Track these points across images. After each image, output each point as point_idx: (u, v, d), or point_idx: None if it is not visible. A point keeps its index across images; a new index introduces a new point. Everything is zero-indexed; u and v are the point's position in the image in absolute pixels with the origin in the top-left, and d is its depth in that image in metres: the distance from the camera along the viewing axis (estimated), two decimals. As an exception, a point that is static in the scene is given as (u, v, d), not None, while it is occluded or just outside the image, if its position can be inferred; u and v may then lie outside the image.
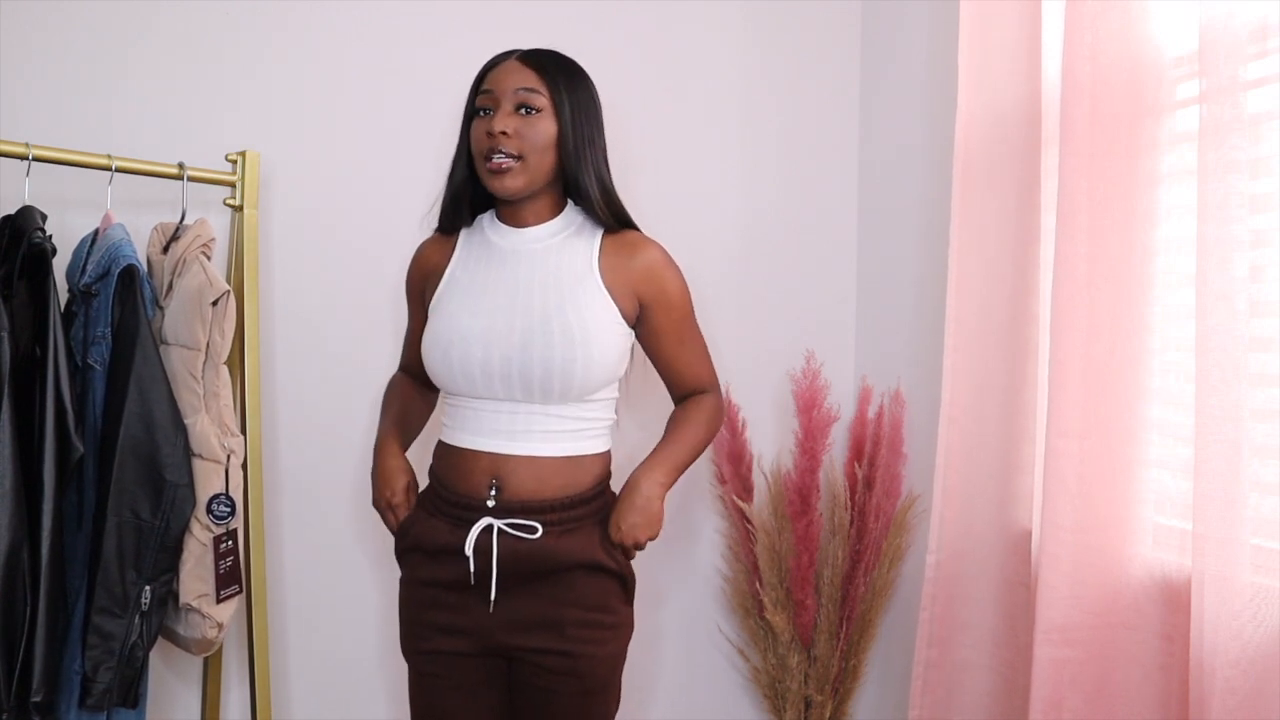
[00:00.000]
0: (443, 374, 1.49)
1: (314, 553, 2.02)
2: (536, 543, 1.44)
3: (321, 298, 2.02)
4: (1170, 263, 1.62)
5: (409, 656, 1.57)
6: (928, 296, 2.21)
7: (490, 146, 1.42)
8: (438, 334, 1.49)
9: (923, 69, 2.29)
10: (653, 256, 1.52)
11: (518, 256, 1.49)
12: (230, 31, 1.93)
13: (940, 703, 1.98)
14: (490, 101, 1.45)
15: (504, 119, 1.42)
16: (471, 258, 1.54)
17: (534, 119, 1.43)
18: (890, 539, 2.20)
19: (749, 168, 2.40)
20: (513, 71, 1.45)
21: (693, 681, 2.39)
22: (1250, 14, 1.42)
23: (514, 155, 1.42)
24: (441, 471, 1.54)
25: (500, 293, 1.47)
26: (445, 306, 1.52)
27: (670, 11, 2.30)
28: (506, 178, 1.43)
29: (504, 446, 1.46)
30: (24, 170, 1.58)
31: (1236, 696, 1.39)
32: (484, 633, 1.48)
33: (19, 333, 1.50)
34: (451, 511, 1.49)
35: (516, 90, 1.43)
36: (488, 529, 1.44)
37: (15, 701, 1.45)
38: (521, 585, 1.46)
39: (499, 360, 1.43)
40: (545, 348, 1.42)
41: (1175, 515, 1.61)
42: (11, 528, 1.42)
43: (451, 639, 1.50)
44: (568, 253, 1.49)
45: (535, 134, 1.43)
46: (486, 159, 1.43)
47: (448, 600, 1.49)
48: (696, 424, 1.57)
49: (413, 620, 1.55)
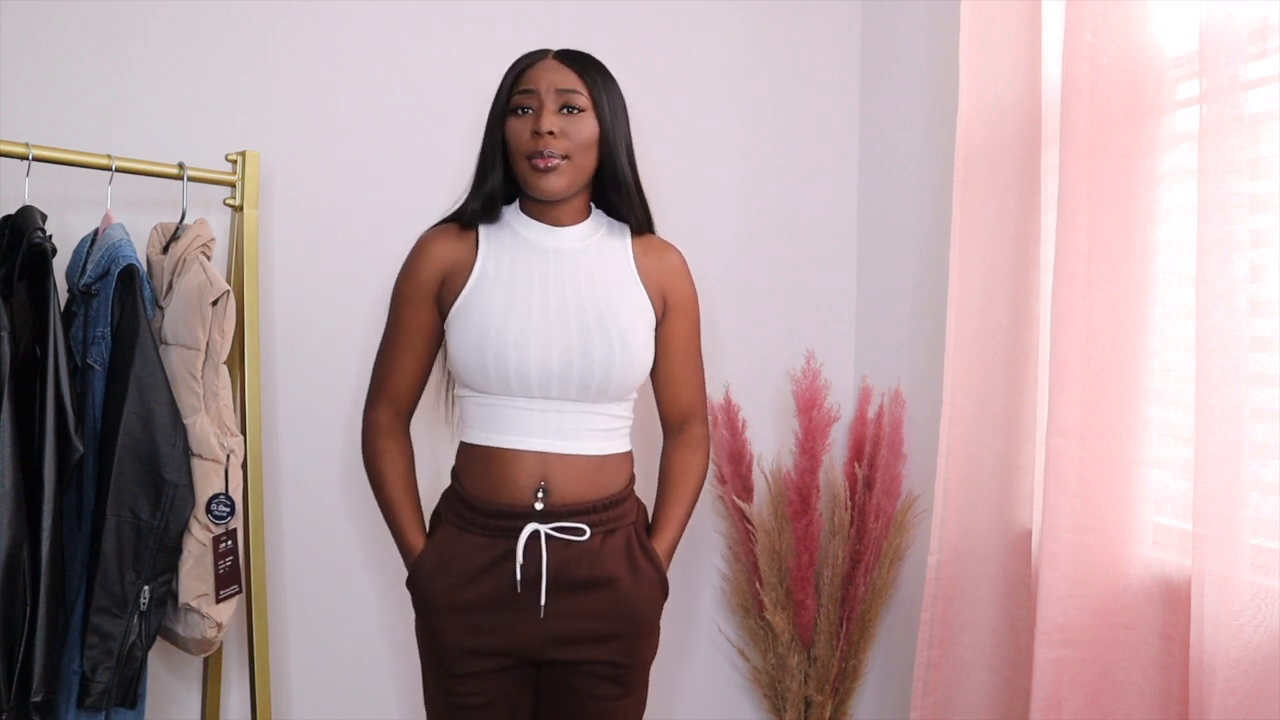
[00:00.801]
0: (493, 376, 1.43)
1: (314, 553, 2.02)
2: (585, 546, 1.42)
3: (321, 298, 2.01)
4: (1170, 263, 1.62)
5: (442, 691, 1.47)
6: (928, 296, 2.21)
7: (535, 147, 1.42)
8: (485, 335, 1.42)
9: (923, 69, 2.29)
10: (679, 259, 1.59)
11: (560, 256, 1.48)
12: (230, 31, 1.93)
13: (941, 703, 1.97)
14: (532, 101, 1.44)
15: (550, 118, 1.41)
16: (503, 254, 1.48)
17: (578, 118, 1.44)
18: (890, 539, 2.20)
19: (749, 167, 2.40)
20: (552, 70, 1.45)
21: (693, 681, 2.39)
22: (1250, 14, 1.43)
23: (560, 154, 1.42)
24: (473, 479, 1.47)
25: (549, 292, 1.45)
26: (485, 305, 1.44)
27: (670, 11, 2.30)
28: (553, 177, 1.42)
29: (553, 446, 1.43)
30: (24, 170, 1.58)
31: (1236, 696, 1.39)
32: (527, 649, 1.44)
33: (19, 333, 1.50)
34: (490, 524, 1.43)
35: (559, 90, 1.43)
36: (534, 535, 1.40)
37: (15, 701, 1.45)
38: (568, 594, 1.42)
39: (559, 360, 1.42)
40: (605, 348, 1.43)
41: (1175, 515, 1.61)
42: (11, 527, 1.42)
43: (488, 659, 1.44)
44: (607, 253, 1.51)
45: (580, 133, 1.44)
46: (530, 158, 1.42)
47: (486, 621, 1.43)
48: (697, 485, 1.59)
49: (443, 650, 1.45)
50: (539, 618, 1.41)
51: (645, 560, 1.48)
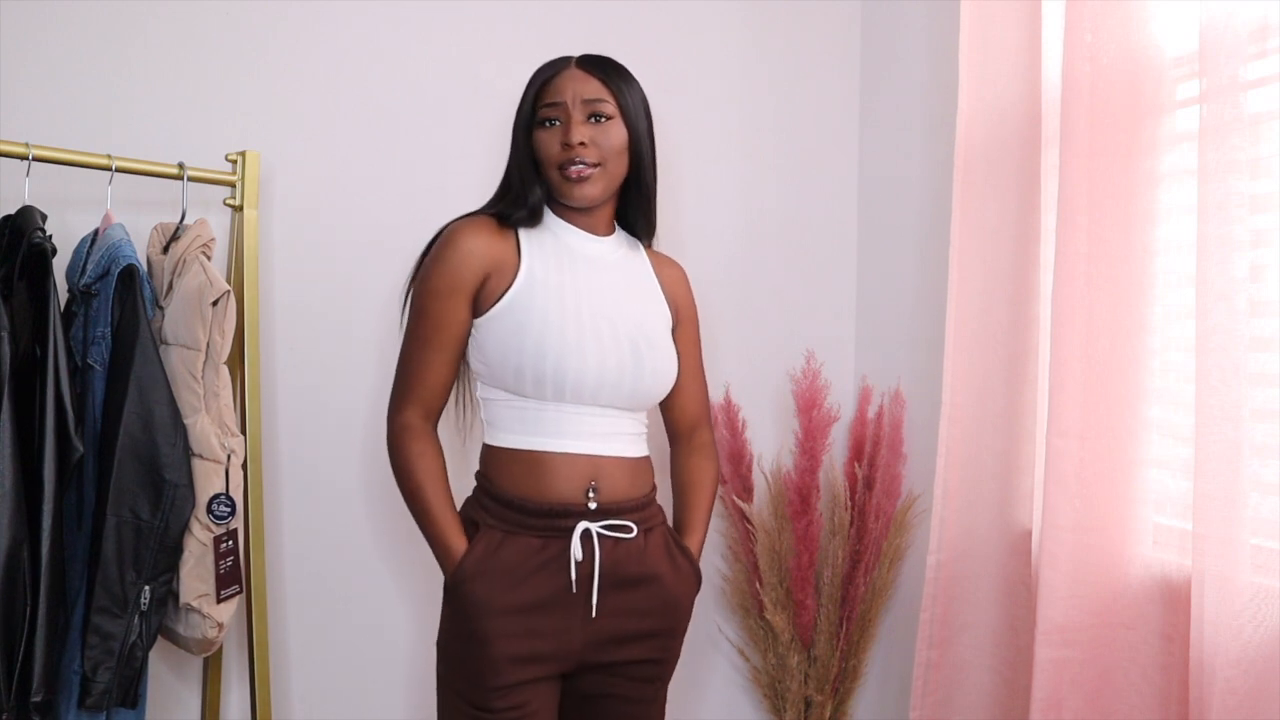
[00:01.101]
0: (549, 383, 1.41)
1: (314, 553, 2.02)
2: (634, 543, 1.44)
3: (321, 298, 2.01)
4: (1170, 263, 1.62)
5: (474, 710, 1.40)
6: (928, 296, 2.21)
7: (567, 157, 1.42)
8: (543, 341, 1.39)
9: (923, 69, 2.29)
10: (683, 272, 1.66)
11: (605, 265, 1.50)
12: (230, 31, 1.93)
13: (941, 703, 1.98)
14: (559, 113, 1.44)
15: (579, 129, 1.42)
16: (548, 258, 1.46)
17: (607, 126, 1.45)
18: (890, 539, 2.20)
19: (749, 168, 2.40)
20: (577, 80, 1.45)
21: (693, 681, 2.38)
22: (1250, 14, 1.43)
23: (592, 163, 1.43)
24: (513, 481, 1.44)
25: (599, 301, 1.45)
26: (538, 309, 1.41)
27: (670, 11, 2.30)
28: (587, 186, 1.44)
29: (601, 448, 1.45)
30: (24, 170, 1.58)
31: (1236, 696, 1.39)
32: (574, 651, 1.43)
33: (19, 333, 1.50)
34: (539, 524, 1.41)
35: (585, 99, 1.44)
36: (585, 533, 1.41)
37: (15, 701, 1.45)
38: (617, 591, 1.43)
39: (614, 371, 1.43)
40: (653, 360, 1.48)
41: (1175, 515, 1.61)
42: (11, 527, 1.42)
43: (537, 666, 1.41)
44: (634, 264, 1.57)
45: (610, 140, 1.45)
46: (562, 168, 1.43)
47: (537, 624, 1.40)
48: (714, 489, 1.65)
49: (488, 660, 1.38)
50: (590, 617, 1.41)
51: (682, 556, 1.52)
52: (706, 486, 1.62)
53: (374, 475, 2.06)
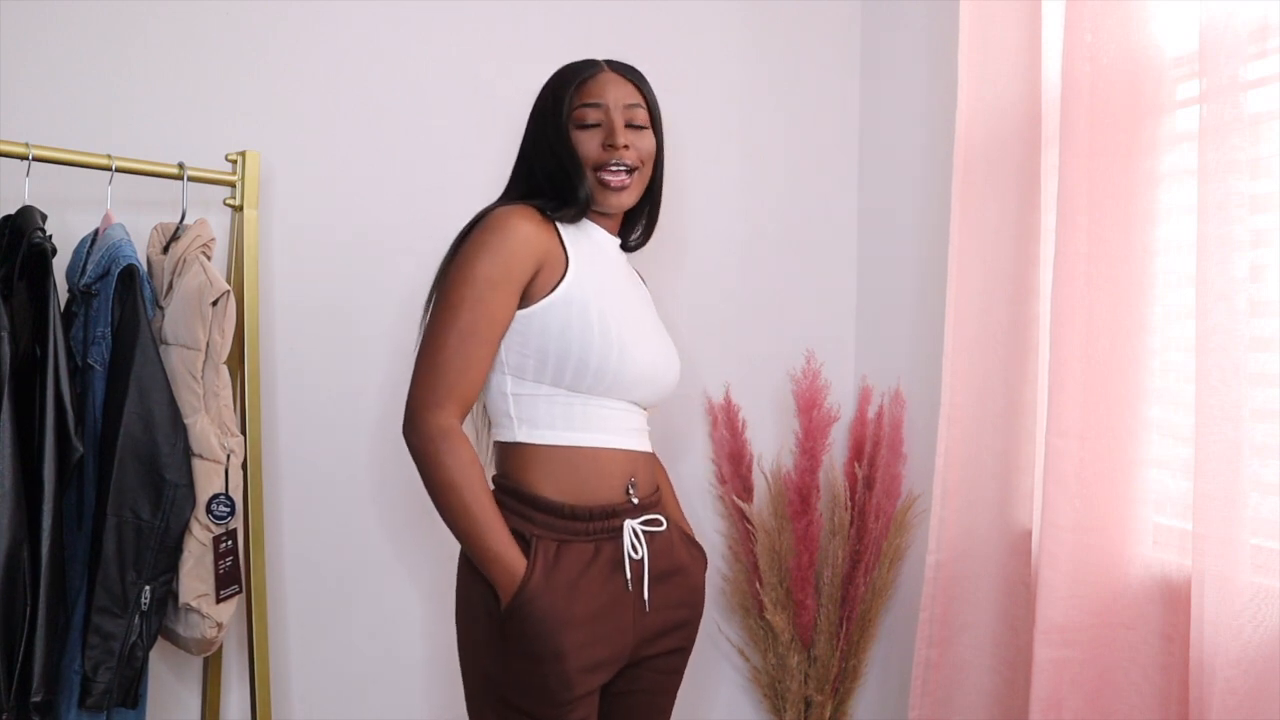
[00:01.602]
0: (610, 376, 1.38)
1: (314, 553, 2.02)
2: (665, 536, 1.48)
3: (321, 298, 2.01)
4: (1170, 263, 1.62)
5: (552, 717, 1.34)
6: (928, 296, 2.21)
7: (606, 159, 1.43)
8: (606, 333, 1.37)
9: (923, 69, 2.29)
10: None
11: (621, 264, 1.56)
12: (230, 31, 1.93)
13: (941, 703, 1.98)
14: (600, 115, 1.45)
15: (623, 133, 1.44)
16: (589, 258, 1.45)
17: (643, 133, 1.48)
18: (890, 539, 2.20)
19: (749, 168, 2.40)
20: (617, 85, 1.47)
21: (693, 681, 2.38)
22: (1250, 14, 1.43)
23: (629, 168, 1.45)
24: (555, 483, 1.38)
25: (636, 299, 1.53)
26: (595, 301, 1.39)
27: (670, 11, 2.30)
28: (626, 194, 1.47)
29: (635, 444, 1.47)
30: (24, 170, 1.58)
31: (1236, 696, 1.39)
32: (626, 651, 1.41)
33: (19, 333, 1.50)
34: (591, 528, 1.38)
35: (626, 105, 1.46)
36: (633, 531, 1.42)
37: (15, 701, 1.45)
38: (662, 586, 1.46)
39: (663, 364, 1.50)
40: (676, 355, 1.55)
41: (1175, 515, 1.61)
42: (11, 528, 1.42)
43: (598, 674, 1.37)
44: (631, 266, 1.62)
45: (646, 146, 1.48)
46: (598, 169, 1.44)
47: (600, 630, 1.36)
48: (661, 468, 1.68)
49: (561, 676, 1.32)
50: (642, 614, 1.42)
51: (692, 543, 1.57)
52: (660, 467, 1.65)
53: (374, 475, 2.06)
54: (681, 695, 2.36)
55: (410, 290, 2.06)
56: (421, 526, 2.08)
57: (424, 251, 2.09)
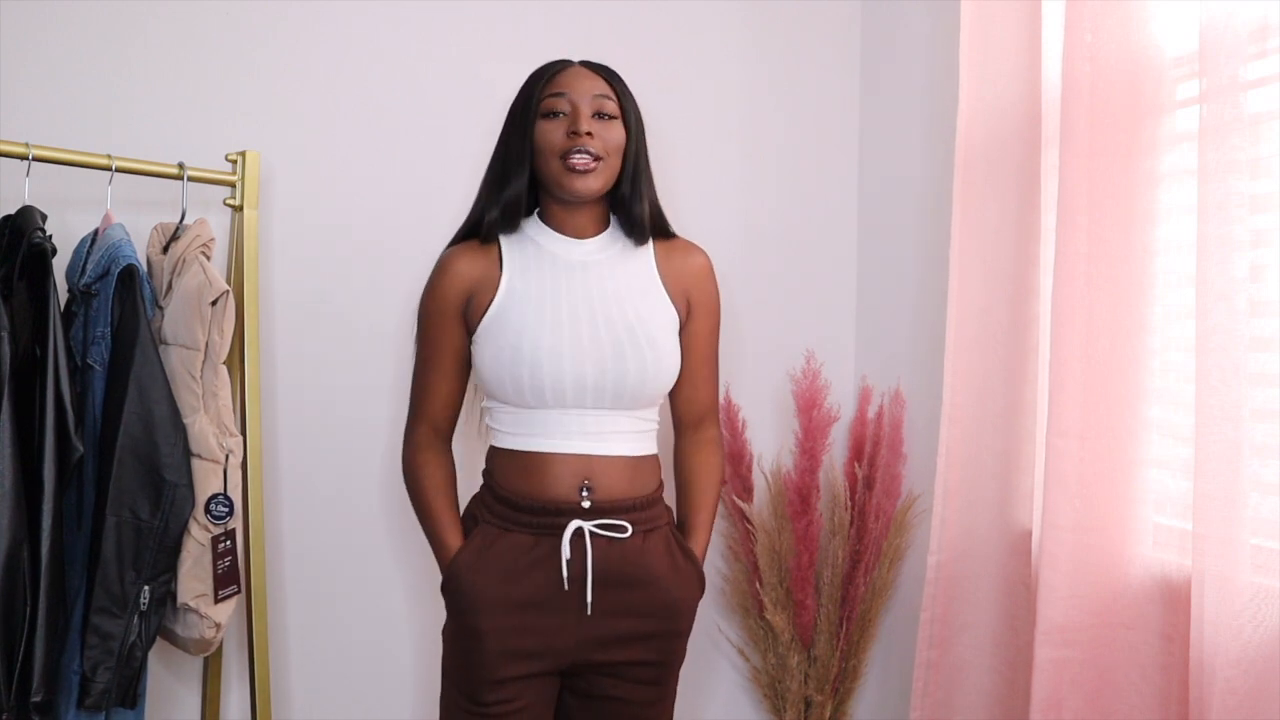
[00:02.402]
0: (528, 391, 1.44)
1: (313, 553, 2.02)
2: (629, 543, 1.44)
3: (321, 298, 2.01)
4: (1170, 263, 1.61)
5: (469, 703, 1.44)
6: (928, 296, 2.21)
7: (570, 145, 1.44)
8: (519, 350, 1.44)
9: (923, 69, 2.29)
10: (704, 261, 1.60)
11: (586, 268, 1.50)
12: (230, 31, 1.93)
13: (941, 703, 1.97)
14: (565, 104, 1.46)
15: (588, 121, 1.45)
16: (529, 268, 1.49)
17: (610, 124, 1.48)
18: (890, 539, 2.20)
19: (749, 168, 2.40)
20: (585, 77, 1.48)
21: (693, 681, 2.38)
22: (1250, 14, 1.42)
23: (595, 155, 1.45)
24: (511, 479, 1.47)
25: (579, 304, 1.47)
26: (515, 321, 1.46)
27: (670, 11, 2.30)
28: (590, 178, 1.45)
29: (594, 448, 1.46)
30: (24, 170, 1.58)
31: (1236, 696, 1.39)
32: (568, 649, 1.45)
33: (19, 333, 1.50)
34: (535, 521, 1.44)
35: (594, 95, 1.47)
36: (578, 532, 1.42)
37: (15, 701, 1.45)
38: (616, 593, 1.44)
39: (593, 373, 1.44)
40: (637, 359, 1.46)
41: (1175, 515, 1.61)
42: (11, 527, 1.42)
43: (525, 662, 1.44)
44: (630, 261, 1.53)
45: (613, 137, 1.47)
46: (563, 157, 1.44)
47: (528, 621, 1.43)
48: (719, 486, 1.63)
49: (479, 654, 1.43)
50: (584, 616, 1.43)
51: (684, 559, 1.52)
52: (712, 485, 1.60)
53: (373, 475, 2.06)
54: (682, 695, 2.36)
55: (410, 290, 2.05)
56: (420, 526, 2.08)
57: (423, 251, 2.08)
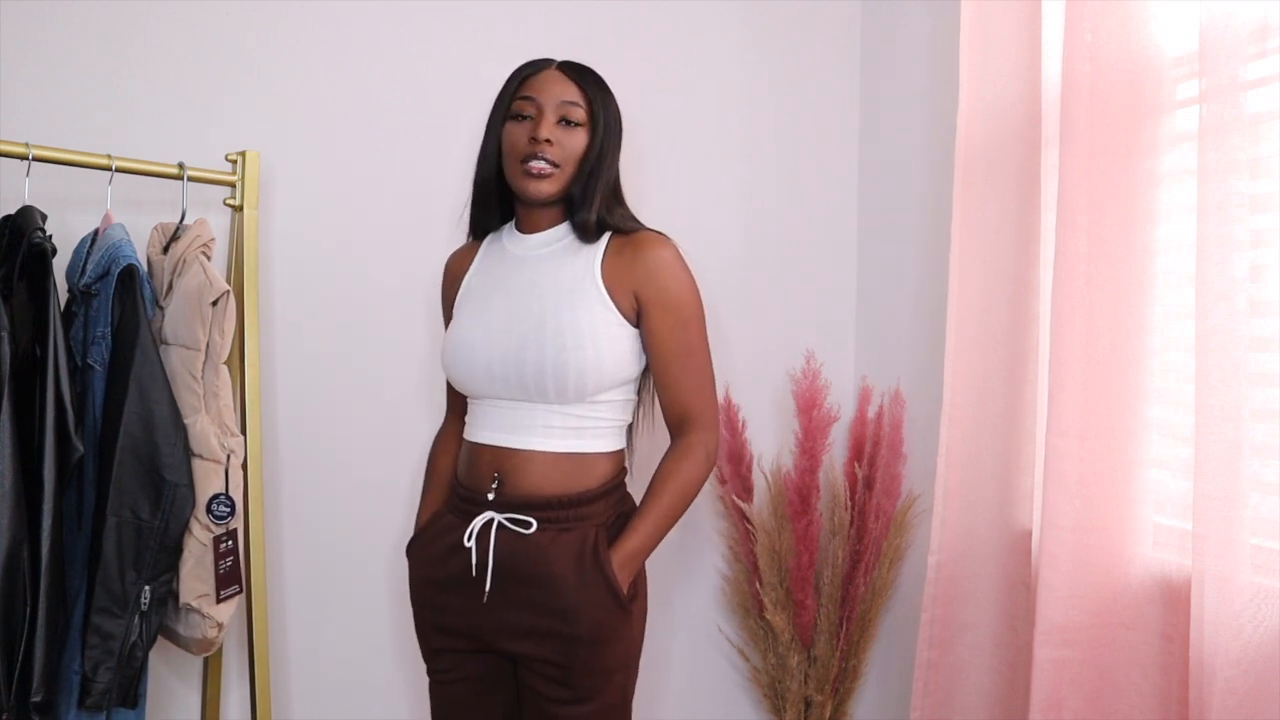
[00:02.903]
0: (453, 377, 1.55)
1: (314, 553, 2.02)
2: (533, 539, 1.43)
3: (321, 298, 2.02)
4: (1170, 263, 1.62)
5: (427, 664, 1.58)
6: (928, 296, 2.21)
7: (530, 152, 1.45)
8: (451, 339, 1.55)
9: (923, 69, 2.29)
10: (656, 254, 1.48)
11: (525, 262, 1.52)
12: (230, 32, 1.93)
13: (941, 703, 1.98)
14: (532, 108, 1.47)
15: (549, 128, 1.45)
16: (488, 264, 1.58)
17: (574, 131, 1.47)
18: (890, 539, 2.20)
19: (749, 168, 2.40)
20: (556, 81, 1.48)
21: (693, 681, 2.39)
22: (1250, 14, 1.43)
23: (553, 163, 1.45)
24: (459, 466, 1.58)
25: (506, 298, 1.50)
26: (460, 312, 1.57)
27: (670, 11, 2.30)
28: (545, 183, 1.46)
29: (505, 440, 1.47)
30: (24, 170, 1.58)
31: (1236, 696, 1.39)
32: (480, 633, 1.48)
33: (19, 333, 1.50)
34: (461, 506, 1.51)
35: (561, 101, 1.47)
36: (489, 523, 1.45)
37: (15, 701, 1.45)
38: (516, 588, 1.44)
39: (498, 363, 1.46)
40: (538, 350, 1.43)
41: (1175, 515, 1.61)
42: (11, 527, 1.42)
43: (450, 638, 1.52)
44: (571, 256, 1.50)
45: (573, 144, 1.47)
46: (523, 162, 1.46)
47: (446, 601, 1.50)
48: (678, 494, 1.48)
49: (418, 620, 1.57)
50: (481, 602, 1.46)
51: (594, 566, 1.42)
52: (666, 492, 1.47)
53: (374, 474, 2.06)
54: (682, 695, 2.37)
55: (410, 290, 2.06)
56: (421, 526, 2.08)
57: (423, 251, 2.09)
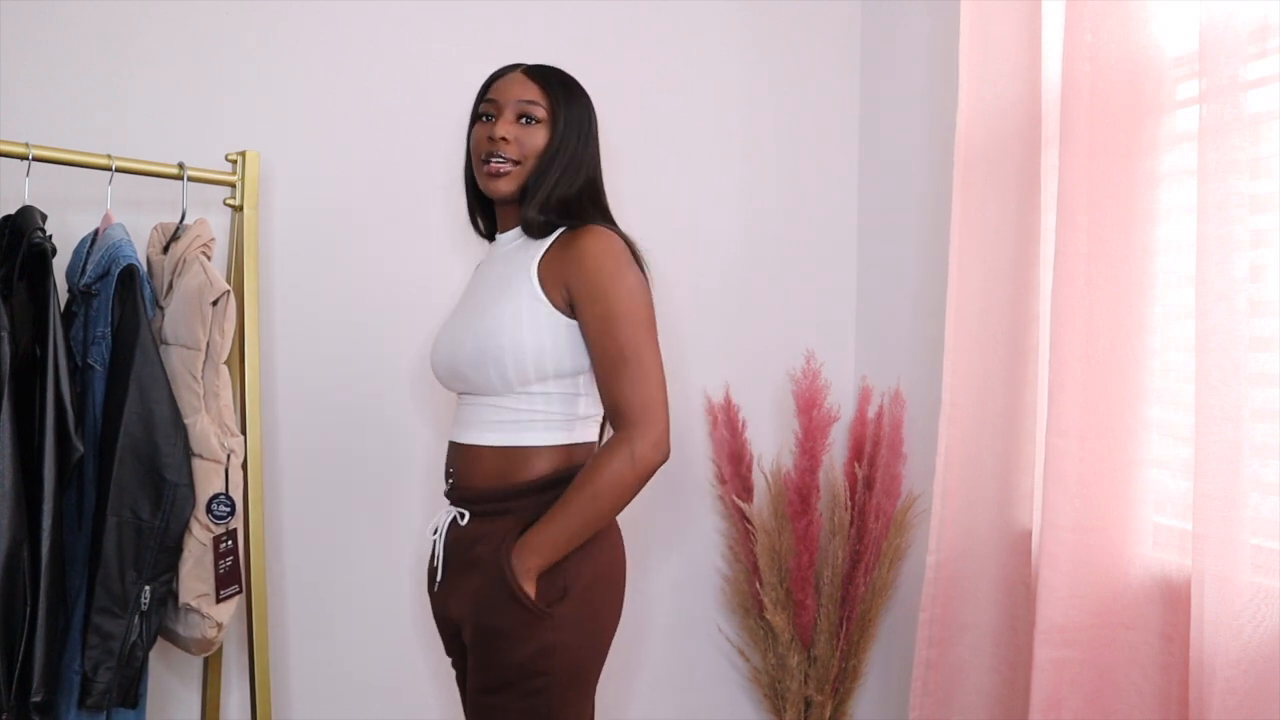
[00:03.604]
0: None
1: (314, 553, 2.02)
2: (467, 530, 1.48)
3: (321, 298, 2.01)
4: (1170, 263, 1.62)
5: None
6: (928, 296, 2.21)
7: (490, 150, 1.49)
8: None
9: (923, 69, 2.29)
10: (584, 243, 1.43)
11: (492, 261, 1.57)
12: (230, 31, 1.93)
13: (941, 703, 1.98)
14: (493, 109, 1.51)
15: (505, 126, 1.48)
16: (480, 266, 1.63)
17: (533, 128, 1.49)
18: (890, 539, 2.20)
19: (749, 168, 2.40)
20: (517, 83, 1.52)
21: (693, 681, 2.39)
22: (1250, 14, 1.43)
23: (512, 160, 1.48)
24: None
25: (469, 298, 1.57)
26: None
27: (670, 11, 2.30)
28: (502, 181, 1.49)
29: (457, 435, 1.52)
30: (24, 170, 1.58)
31: (1236, 696, 1.39)
32: (447, 621, 1.54)
33: (19, 333, 1.50)
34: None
35: (519, 101, 1.50)
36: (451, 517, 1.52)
37: (15, 701, 1.45)
38: (455, 577, 1.49)
39: (445, 358, 1.53)
40: (471, 341, 1.46)
41: (1175, 515, 1.61)
42: (11, 528, 1.42)
43: (440, 627, 1.57)
44: (518, 254, 1.50)
45: (533, 141, 1.49)
46: (485, 161, 1.50)
47: (432, 593, 1.55)
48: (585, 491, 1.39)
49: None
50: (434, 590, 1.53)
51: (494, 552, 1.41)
52: (576, 487, 1.39)
53: (374, 474, 2.06)
54: (682, 695, 2.37)
55: (410, 289, 2.06)
56: (421, 526, 2.08)
57: (423, 251, 2.09)
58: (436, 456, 2.09)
